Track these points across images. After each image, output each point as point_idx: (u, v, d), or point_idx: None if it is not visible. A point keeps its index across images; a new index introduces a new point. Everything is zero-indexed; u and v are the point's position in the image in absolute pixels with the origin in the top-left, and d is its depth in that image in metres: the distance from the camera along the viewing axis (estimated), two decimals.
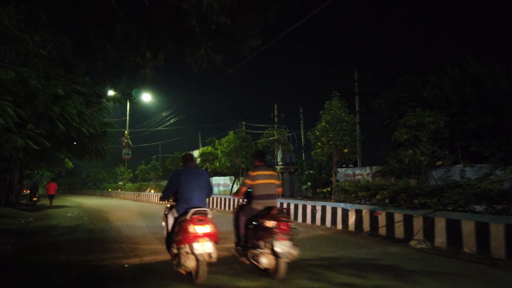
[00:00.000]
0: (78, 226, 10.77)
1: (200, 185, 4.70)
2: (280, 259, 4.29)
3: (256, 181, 4.89)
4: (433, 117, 7.56)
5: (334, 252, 6.20)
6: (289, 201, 11.29)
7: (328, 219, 9.32)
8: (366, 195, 7.79)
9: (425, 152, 7.30)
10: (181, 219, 4.42)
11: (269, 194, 4.92)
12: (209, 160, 19.44)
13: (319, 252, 6.14)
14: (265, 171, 4.99)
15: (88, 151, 13.22)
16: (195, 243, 4.15)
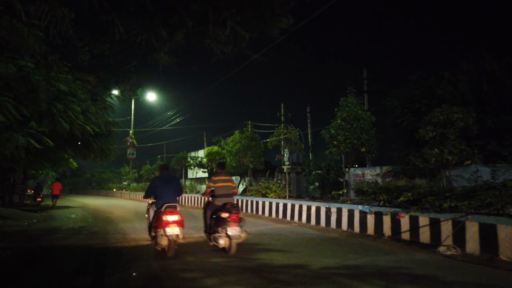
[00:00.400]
0: (82, 228, 10.37)
1: (172, 187, 6.38)
2: (232, 240, 6.01)
3: (217, 184, 6.61)
4: (462, 113, 7.06)
5: (358, 259, 5.73)
6: (301, 203, 10.83)
7: (344, 222, 8.85)
8: (388, 197, 7.31)
9: (453, 151, 6.81)
10: (158, 211, 6.15)
11: (227, 194, 6.61)
12: (216, 160, 18.99)
13: (341, 259, 5.67)
14: (224, 177, 6.76)
15: (92, 151, 12.84)
16: (167, 228, 5.80)
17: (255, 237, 8.18)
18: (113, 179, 41.24)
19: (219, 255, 6.16)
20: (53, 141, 11.05)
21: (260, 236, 8.27)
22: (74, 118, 8.83)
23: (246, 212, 14.10)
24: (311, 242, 7.50)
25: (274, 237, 8.10)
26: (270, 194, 13.18)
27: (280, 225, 10.48)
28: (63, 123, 8.51)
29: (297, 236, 8.24)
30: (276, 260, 5.64)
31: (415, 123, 14.93)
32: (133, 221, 11.88)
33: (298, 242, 7.42)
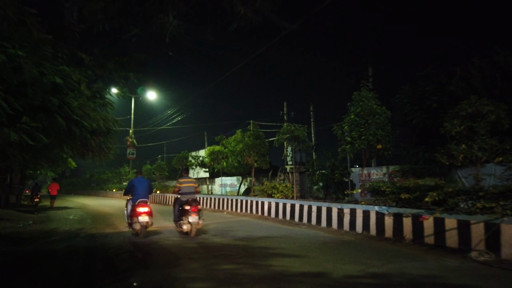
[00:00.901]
0: (79, 231, 9.82)
1: (144, 187, 8.51)
2: (192, 225, 7.94)
3: (183, 184, 8.74)
4: (493, 106, 6.50)
5: (383, 265, 5.17)
6: (310, 203, 10.27)
7: (358, 224, 8.29)
8: (410, 197, 6.75)
9: (484, 147, 6.25)
10: (134, 205, 8.19)
11: (190, 192, 8.69)
12: (218, 159, 18.42)
13: (364, 266, 5.11)
14: (188, 179, 9.01)
15: (91, 149, 12.27)
16: (139, 217, 7.92)
17: (264, 240, 7.62)
18: (112, 179, 40.64)
19: (227, 260, 5.63)
20: (48, 138, 10.51)
21: (269, 239, 7.71)
22: (70, 113, 8.26)
23: (250, 213, 13.54)
24: (325, 246, 6.94)
25: (284, 240, 7.55)
26: (277, 195, 12.62)
27: (288, 227, 9.92)
28: (58, 118, 7.94)
29: (309, 239, 7.68)
30: (292, 267, 5.08)
31: (426, 120, 14.39)
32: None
33: (312, 246, 6.87)
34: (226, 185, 31.86)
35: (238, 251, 6.49)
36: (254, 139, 14.58)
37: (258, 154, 14.49)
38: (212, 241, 7.57)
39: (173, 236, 8.36)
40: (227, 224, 10.80)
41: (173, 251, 6.51)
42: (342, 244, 7.13)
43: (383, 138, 8.52)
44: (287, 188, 12.97)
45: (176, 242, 7.53)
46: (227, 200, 15.58)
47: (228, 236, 8.35)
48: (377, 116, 8.55)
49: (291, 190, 12.78)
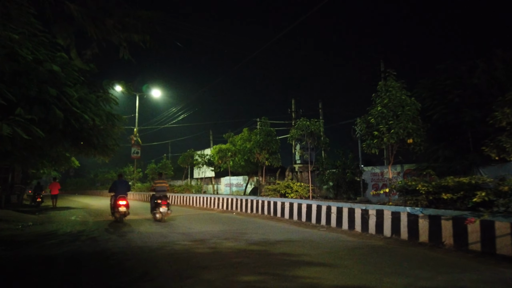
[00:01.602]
0: (81, 233, 9.13)
1: (123, 186, 11.34)
2: (162, 214, 10.79)
3: (157, 185, 11.65)
4: None
5: (432, 278, 4.39)
6: (329, 204, 9.49)
7: (386, 227, 7.49)
8: (453, 197, 5.96)
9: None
10: (115, 199, 10.91)
11: (162, 190, 11.44)
12: (227, 157, 17.68)
13: (411, 278, 4.33)
14: (161, 181, 11.99)
15: (93, 146, 11.57)
16: (119, 208, 10.65)
17: (283, 245, 6.86)
18: None
19: (246, 270, 4.89)
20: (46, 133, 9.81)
21: (289, 244, 6.95)
22: (69, 104, 7.55)
23: (262, 214, 12.79)
24: (354, 252, 6.17)
25: (306, 245, 6.78)
26: (291, 194, 11.86)
27: (305, 229, 9.15)
28: (56, 110, 7.23)
29: (334, 244, 6.91)
30: (325, 279, 4.32)
31: (447, 115, 13.54)
32: (140, 225, 10.61)
33: (340, 252, 6.09)
34: (232, 184, 31.13)
35: (256, 258, 5.74)
36: (266, 136, 13.80)
37: (269, 152, 13.72)
38: (225, 246, 6.83)
39: (182, 240, 7.64)
40: (239, 226, 10.06)
41: (184, 258, 5.78)
42: (372, 250, 6.35)
43: (414, 132, 7.72)
44: (302, 187, 12.19)
45: (186, 247, 6.80)
46: (236, 200, 14.83)
47: (242, 239, 7.61)
48: (408, 107, 7.74)
49: (307, 189, 12.00)
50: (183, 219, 12.21)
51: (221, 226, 10.08)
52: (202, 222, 11.23)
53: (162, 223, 10.94)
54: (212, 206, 16.90)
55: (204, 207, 17.59)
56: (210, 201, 17.18)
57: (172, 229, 9.55)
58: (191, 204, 19.32)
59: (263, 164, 14.39)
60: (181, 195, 21.09)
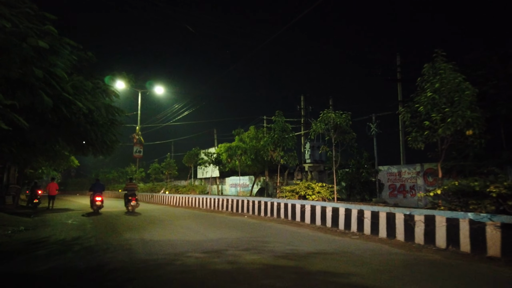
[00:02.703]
0: (76, 240, 7.92)
1: (99, 187, 15.84)
2: (132, 206, 15.33)
3: (129, 186, 16.29)
4: None
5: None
6: (361, 207, 8.24)
7: (440, 236, 6.24)
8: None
9: None
10: (93, 196, 15.28)
11: (132, 189, 15.98)
12: (236, 155, 16.43)
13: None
14: (132, 184, 16.61)
15: (91, 142, 10.38)
16: (96, 202, 15.10)
17: (319, 259, 5.61)
18: (118, 179, 38.95)
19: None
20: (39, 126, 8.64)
21: (326, 258, 5.70)
22: (59, 89, 6.33)
23: (277, 217, 11.54)
24: (413, 270, 4.92)
25: (348, 260, 5.54)
26: (312, 196, 10.63)
27: (334, 236, 7.91)
28: (43, 96, 6.03)
29: (381, 258, 5.66)
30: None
31: None
32: (142, 230, 9.39)
33: (395, 271, 4.84)
34: (237, 185, 29.92)
35: (291, 278, 4.51)
36: (281, 132, 12.56)
37: (285, 149, 12.49)
38: (247, 260, 5.60)
39: (194, 251, 6.39)
40: (256, 232, 8.82)
41: (199, 278, 4.56)
42: (433, 266, 5.09)
43: (474, 122, 6.46)
44: (325, 188, 10.96)
45: (199, 261, 5.57)
46: (247, 202, 13.59)
47: (265, 250, 6.38)
48: (467, 92, 6.48)
49: (330, 191, 10.77)
50: (191, 223, 11.00)
51: (235, 232, 8.86)
52: (212, 227, 10.01)
53: (169, 229, 9.73)
54: (220, 208, 15.67)
55: (211, 209, 16.36)
56: (218, 203, 15.95)
57: (180, 236, 8.33)
58: (197, 205, 18.09)
59: (278, 162, 13.15)
60: (186, 196, 19.87)
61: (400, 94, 21.89)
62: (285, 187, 12.28)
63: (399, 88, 22.06)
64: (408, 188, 18.68)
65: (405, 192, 18.85)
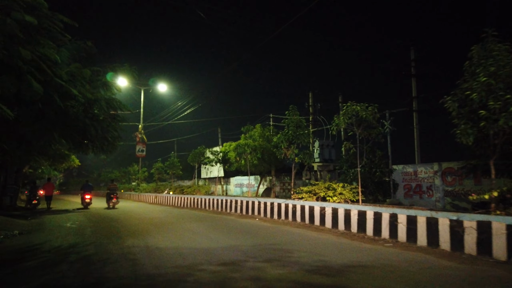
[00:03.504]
0: (72, 248, 7.04)
1: (89, 187, 19.50)
2: (114, 204, 18.74)
3: (111, 186, 19.77)
4: None
5: None
6: (393, 211, 7.30)
7: (498, 247, 5.30)
8: None
9: None
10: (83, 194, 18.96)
11: (114, 189, 19.44)
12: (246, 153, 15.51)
13: None
14: (113, 184, 20.47)
15: (90, 138, 9.51)
16: (85, 200, 18.81)
17: (360, 275, 4.67)
18: (121, 179, 38.12)
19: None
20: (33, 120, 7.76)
21: (367, 273, 4.77)
22: (50, 74, 5.44)
23: (293, 220, 10.62)
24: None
25: (391, 276, 4.60)
26: (333, 198, 9.72)
27: (365, 244, 6.97)
28: (32, 82, 5.14)
29: (430, 273, 4.72)
30: None
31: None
32: (147, 235, 8.49)
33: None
34: (242, 185, 28.99)
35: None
36: (295, 128, 11.64)
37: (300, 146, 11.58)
38: (272, 275, 4.68)
39: (208, 263, 5.47)
40: (273, 239, 7.90)
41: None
42: (506, 287, 4.16)
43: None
44: (347, 189, 10.04)
45: (216, 276, 4.66)
46: (258, 204, 12.66)
47: (290, 262, 5.46)
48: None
49: (353, 192, 9.84)
50: (199, 226, 10.09)
51: (250, 238, 7.94)
52: (223, 231, 9.10)
53: (176, 233, 8.83)
54: (228, 210, 14.76)
55: (218, 211, 15.45)
56: (226, 204, 15.04)
57: (189, 242, 7.42)
58: (203, 207, 17.19)
59: (292, 161, 12.23)
60: (191, 196, 18.97)
61: (414, 90, 20.93)
62: (302, 187, 11.35)
63: (414, 83, 21.09)
64: (425, 188, 17.70)
65: (422, 192, 17.88)
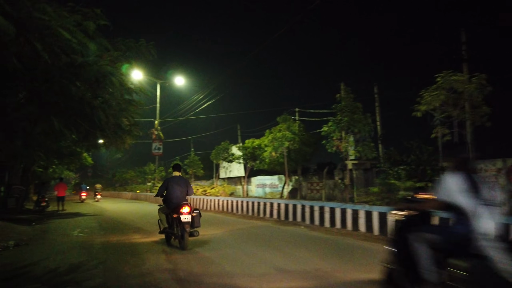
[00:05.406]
0: (73, 272, 5.02)
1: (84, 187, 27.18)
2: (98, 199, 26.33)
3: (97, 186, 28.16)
4: None
5: None
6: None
7: None
8: None
9: None
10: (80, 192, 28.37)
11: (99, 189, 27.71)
12: (283, 147, 13.30)
13: None
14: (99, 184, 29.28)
15: (99, 127, 7.49)
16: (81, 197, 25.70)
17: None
18: (136, 179, 36.48)
19: None
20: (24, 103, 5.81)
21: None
22: (27, 3, 3.39)
23: (354, 230, 8.39)
24: None
25: None
26: None
27: None
28: None
29: None
30: None
31: None
32: (174, 253, 6.41)
33: None
34: (265, 185, 26.76)
35: None
36: (351, 113, 9.43)
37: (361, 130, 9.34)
38: None
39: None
40: (358, 260, 5.70)
41: None
42: None
43: None
44: None
45: None
46: (303, 208, 10.44)
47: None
48: None
49: None
50: (236, 237, 7.97)
51: (321, 259, 5.76)
52: (273, 246, 6.95)
53: (212, 254, 6.73)
54: (261, 215, 12.62)
55: (249, 215, 13.32)
56: (259, 208, 12.89)
57: (234, 264, 5.29)
58: (230, 210, 15.09)
59: (346, 156, 10.03)
60: (215, 198, 16.91)
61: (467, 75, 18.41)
62: (372, 189, 9.14)
63: (465, 68, 18.55)
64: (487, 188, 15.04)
65: None
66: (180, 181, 7.00)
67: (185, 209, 6.40)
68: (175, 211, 6.54)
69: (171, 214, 6.74)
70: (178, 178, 7.04)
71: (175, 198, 6.77)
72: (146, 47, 9.07)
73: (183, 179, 7.13)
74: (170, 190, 6.88)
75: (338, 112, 9.96)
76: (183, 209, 6.38)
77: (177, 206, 6.54)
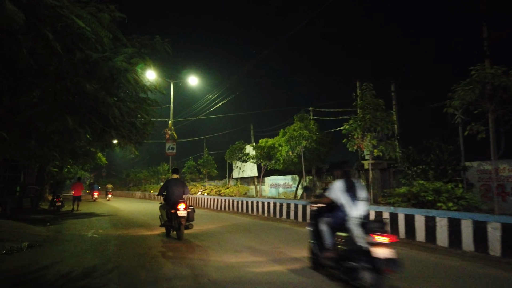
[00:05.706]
0: (86, 278, 4.75)
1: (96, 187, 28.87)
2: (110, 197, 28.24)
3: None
4: None
5: None
6: None
7: None
8: None
9: None
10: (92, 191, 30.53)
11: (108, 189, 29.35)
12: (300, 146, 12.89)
13: None
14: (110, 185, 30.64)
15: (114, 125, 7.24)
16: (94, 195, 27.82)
17: None
18: (150, 179, 36.54)
19: None
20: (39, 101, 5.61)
21: None
22: None
23: None
24: None
25: None
26: (448, 204, 7.01)
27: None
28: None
29: None
30: None
31: None
32: (194, 257, 6.10)
33: None
34: (278, 185, 26.36)
35: None
36: (373, 111, 8.98)
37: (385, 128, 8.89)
38: None
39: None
40: None
41: None
42: None
43: None
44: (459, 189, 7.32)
45: None
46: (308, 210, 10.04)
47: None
48: None
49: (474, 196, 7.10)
50: (258, 240, 7.64)
51: None
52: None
53: (230, 251, 6.41)
54: (278, 215, 12.25)
55: (265, 216, 12.96)
56: (275, 208, 12.52)
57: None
58: (245, 211, 14.77)
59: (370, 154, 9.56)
60: (230, 199, 16.61)
61: None
62: (398, 189, 8.69)
63: (487, 64, 17.77)
64: (510, 189, 14.52)
65: (505, 194, 14.61)
66: (178, 182, 8.20)
67: (182, 205, 7.58)
68: (173, 208, 7.68)
69: (170, 210, 7.87)
70: (176, 180, 8.24)
71: (174, 197, 7.90)
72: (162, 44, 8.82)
73: (180, 181, 8.34)
74: (170, 190, 8.03)
75: (359, 109, 9.51)
76: (180, 205, 7.56)
77: (175, 203, 7.68)
